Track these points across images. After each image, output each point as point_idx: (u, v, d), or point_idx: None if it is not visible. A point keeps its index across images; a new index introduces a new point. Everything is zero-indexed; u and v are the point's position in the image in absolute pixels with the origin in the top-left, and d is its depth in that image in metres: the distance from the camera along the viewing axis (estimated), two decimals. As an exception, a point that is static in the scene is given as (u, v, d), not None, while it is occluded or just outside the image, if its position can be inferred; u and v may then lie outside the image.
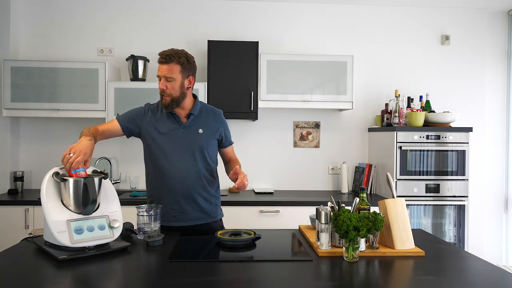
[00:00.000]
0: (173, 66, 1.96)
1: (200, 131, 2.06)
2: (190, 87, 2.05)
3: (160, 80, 2.00)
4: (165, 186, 2.03)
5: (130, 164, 3.69)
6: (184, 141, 2.03)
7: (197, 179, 2.04)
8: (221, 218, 2.21)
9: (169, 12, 3.71)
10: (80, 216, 1.65)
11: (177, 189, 2.02)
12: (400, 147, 3.29)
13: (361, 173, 3.65)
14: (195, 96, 2.14)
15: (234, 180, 1.96)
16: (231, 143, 2.23)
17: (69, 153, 1.70)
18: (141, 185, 3.70)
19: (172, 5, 3.71)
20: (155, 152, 2.04)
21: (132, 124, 2.06)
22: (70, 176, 1.67)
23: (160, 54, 1.98)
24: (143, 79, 3.48)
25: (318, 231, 1.72)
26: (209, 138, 2.09)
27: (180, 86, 2.00)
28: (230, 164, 2.22)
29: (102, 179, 1.74)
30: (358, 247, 1.58)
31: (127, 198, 3.19)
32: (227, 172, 2.21)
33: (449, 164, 3.32)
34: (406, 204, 2.04)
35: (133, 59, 3.44)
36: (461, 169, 3.32)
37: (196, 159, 2.04)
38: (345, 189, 3.63)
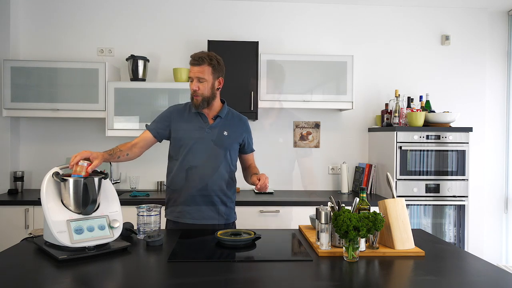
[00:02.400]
0: (205, 68, 2.04)
1: (225, 133, 2.13)
2: (219, 88, 2.13)
3: (191, 81, 2.07)
4: (185, 183, 2.10)
5: (130, 164, 3.69)
6: (209, 141, 2.10)
7: (217, 180, 2.10)
8: (234, 222, 2.24)
9: (169, 12, 3.71)
10: (80, 216, 1.65)
11: (197, 187, 2.09)
12: (400, 147, 3.29)
13: (361, 173, 3.65)
14: (223, 101, 2.21)
15: (254, 183, 2.05)
16: (252, 150, 2.30)
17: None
18: (141, 185, 3.70)
19: (172, 5, 3.72)
20: (179, 149, 2.12)
21: (161, 128, 2.15)
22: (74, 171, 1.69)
23: (192, 56, 2.06)
24: (143, 79, 3.48)
25: (318, 231, 1.72)
26: (233, 141, 2.15)
27: (211, 86, 2.08)
28: (249, 169, 2.28)
29: (102, 179, 1.74)
30: (358, 247, 1.58)
31: (127, 198, 3.19)
32: (245, 178, 2.30)
33: (449, 164, 3.32)
34: (406, 204, 2.04)
35: (133, 59, 3.44)
36: (461, 169, 3.32)
37: (218, 159, 2.11)
38: (345, 189, 3.63)
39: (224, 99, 2.23)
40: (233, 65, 3.37)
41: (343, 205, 1.74)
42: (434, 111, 3.54)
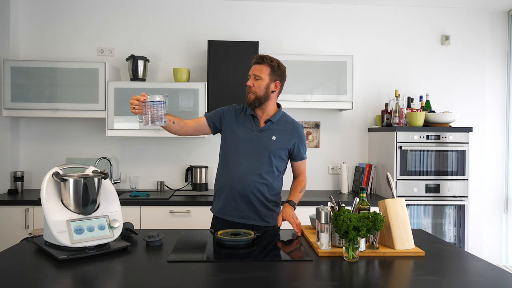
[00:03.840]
0: (263, 67, 2.10)
1: (273, 138, 2.14)
2: (275, 91, 2.16)
3: (249, 78, 2.13)
4: (227, 181, 2.15)
5: (130, 164, 3.69)
6: (256, 143, 2.13)
7: (256, 182, 2.11)
8: (274, 226, 2.18)
9: (169, 12, 3.71)
10: (80, 216, 1.65)
11: (236, 186, 2.11)
12: (400, 147, 3.29)
13: (361, 173, 3.65)
14: (279, 106, 2.25)
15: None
16: (302, 158, 2.26)
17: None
18: (141, 185, 3.70)
19: (172, 5, 3.72)
20: (227, 147, 2.17)
21: (216, 120, 2.21)
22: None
23: (255, 56, 2.15)
24: (143, 79, 3.48)
25: (318, 231, 1.72)
26: (280, 147, 2.15)
27: (266, 86, 2.11)
28: (296, 180, 2.29)
29: (102, 179, 1.74)
30: (358, 247, 1.58)
31: (127, 198, 3.19)
32: (292, 185, 2.29)
33: (449, 164, 3.32)
34: (406, 204, 2.04)
35: (133, 59, 3.44)
36: (461, 169, 3.32)
37: (261, 162, 2.12)
38: (345, 189, 3.63)
39: (280, 103, 2.26)
40: (233, 65, 3.37)
41: (343, 205, 1.74)
42: (434, 111, 3.54)
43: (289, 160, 2.26)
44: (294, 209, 2.16)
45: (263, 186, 2.13)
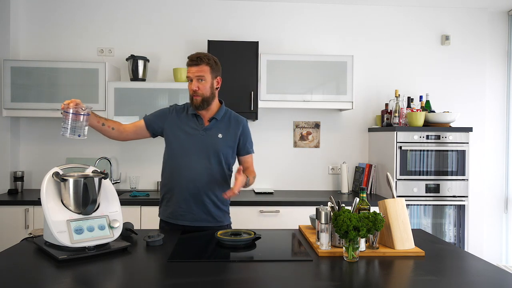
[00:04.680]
0: (203, 67, 2.03)
1: (220, 135, 2.11)
2: (218, 87, 2.13)
3: (190, 81, 2.05)
4: (177, 184, 2.09)
5: (130, 164, 3.69)
6: (203, 143, 2.08)
7: (208, 182, 2.08)
8: (228, 225, 2.21)
9: (169, 12, 3.71)
10: (80, 216, 1.65)
11: (188, 189, 2.07)
12: (400, 147, 3.29)
13: (361, 173, 3.65)
14: (221, 102, 2.20)
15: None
16: (249, 152, 2.24)
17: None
18: (141, 185, 3.70)
19: (172, 5, 3.71)
20: (173, 150, 2.12)
21: (155, 123, 2.14)
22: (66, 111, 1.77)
23: (189, 57, 2.05)
24: (143, 79, 3.48)
25: (318, 231, 1.72)
26: (227, 144, 2.12)
27: (210, 86, 2.07)
28: (245, 173, 2.24)
29: (102, 179, 1.74)
30: (358, 247, 1.58)
31: (127, 198, 3.19)
32: None
33: (449, 164, 3.32)
34: (406, 204, 2.04)
35: (133, 59, 3.44)
36: (461, 169, 3.32)
37: (210, 162, 2.08)
38: (345, 189, 3.63)
39: (222, 99, 2.21)
40: (233, 65, 3.37)
41: (343, 205, 1.74)
42: (434, 111, 3.54)
43: (237, 156, 2.22)
44: (246, 183, 2.10)
45: (215, 186, 2.09)
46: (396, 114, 3.44)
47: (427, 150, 3.31)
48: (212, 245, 1.82)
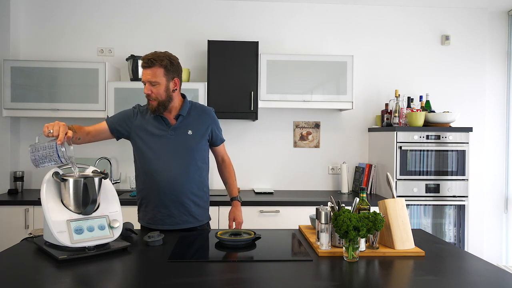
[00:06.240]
0: (156, 70, 1.92)
1: (190, 132, 2.03)
2: (176, 89, 2.01)
3: (145, 85, 1.95)
4: (154, 189, 2.02)
5: (130, 164, 3.65)
6: (173, 143, 2.00)
7: (186, 183, 2.01)
8: (208, 222, 2.17)
9: (169, 12, 3.71)
10: (80, 216, 1.65)
11: (166, 193, 2.00)
12: (400, 147, 3.29)
13: (361, 173, 3.65)
14: (184, 96, 2.10)
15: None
16: (222, 140, 2.19)
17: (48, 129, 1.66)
18: (141, 185, 3.69)
19: (172, 5, 3.71)
20: (143, 154, 2.02)
21: (120, 126, 2.03)
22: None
23: (142, 58, 1.95)
24: (143, 79, 3.48)
25: (318, 231, 1.72)
26: (199, 139, 2.05)
27: (165, 89, 1.95)
28: (223, 166, 2.25)
29: (102, 179, 1.74)
30: (358, 247, 1.58)
31: (127, 198, 3.19)
32: (220, 172, 2.26)
33: (449, 164, 3.32)
34: (406, 204, 2.04)
35: (133, 59, 3.43)
36: (461, 169, 3.32)
37: (185, 162, 2.01)
38: (345, 189, 3.63)
39: (184, 93, 2.12)
40: (233, 65, 3.37)
41: (343, 205, 1.74)
42: (434, 111, 3.54)
43: (210, 147, 2.17)
44: (241, 203, 2.21)
45: (194, 186, 2.04)
46: (396, 114, 3.44)
47: (427, 150, 3.31)
48: (212, 245, 1.82)
